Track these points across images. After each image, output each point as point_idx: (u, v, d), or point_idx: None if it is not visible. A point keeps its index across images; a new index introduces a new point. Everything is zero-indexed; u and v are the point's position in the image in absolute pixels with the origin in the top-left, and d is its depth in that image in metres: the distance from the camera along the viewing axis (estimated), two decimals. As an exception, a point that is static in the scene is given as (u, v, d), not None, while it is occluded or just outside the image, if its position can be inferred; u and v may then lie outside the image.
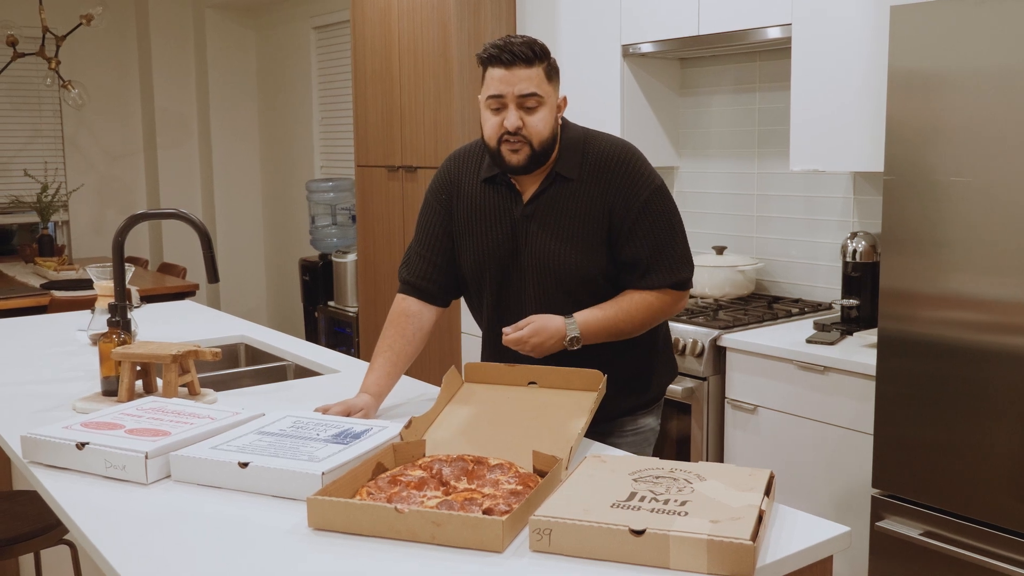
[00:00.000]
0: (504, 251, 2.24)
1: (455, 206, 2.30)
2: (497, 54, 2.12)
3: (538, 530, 1.45)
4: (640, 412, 2.34)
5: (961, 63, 2.36)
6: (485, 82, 2.16)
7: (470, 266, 2.29)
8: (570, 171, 2.20)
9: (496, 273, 2.26)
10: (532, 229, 2.22)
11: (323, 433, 1.89)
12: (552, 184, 2.21)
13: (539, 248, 2.21)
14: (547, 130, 2.16)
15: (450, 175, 2.33)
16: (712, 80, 4.04)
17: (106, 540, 1.54)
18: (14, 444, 2.01)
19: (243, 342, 3.21)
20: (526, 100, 2.12)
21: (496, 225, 2.25)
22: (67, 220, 7.26)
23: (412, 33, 4.51)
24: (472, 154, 2.34)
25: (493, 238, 2.25)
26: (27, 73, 6.89)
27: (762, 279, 3.91)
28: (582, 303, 2.19)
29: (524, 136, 2.13)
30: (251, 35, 7.53)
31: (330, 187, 6.11)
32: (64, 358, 2.83)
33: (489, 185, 2.27)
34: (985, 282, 2.36)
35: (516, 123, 2.12)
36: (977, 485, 2.41)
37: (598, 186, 2.19)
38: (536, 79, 2.13)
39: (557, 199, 2.21)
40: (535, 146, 2.15)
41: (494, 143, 2.16)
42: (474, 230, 2.27)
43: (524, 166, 2.16)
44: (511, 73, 2.11)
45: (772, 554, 1.45)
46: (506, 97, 2.12)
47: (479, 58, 2.17)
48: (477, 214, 2.27)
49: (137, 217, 2.51)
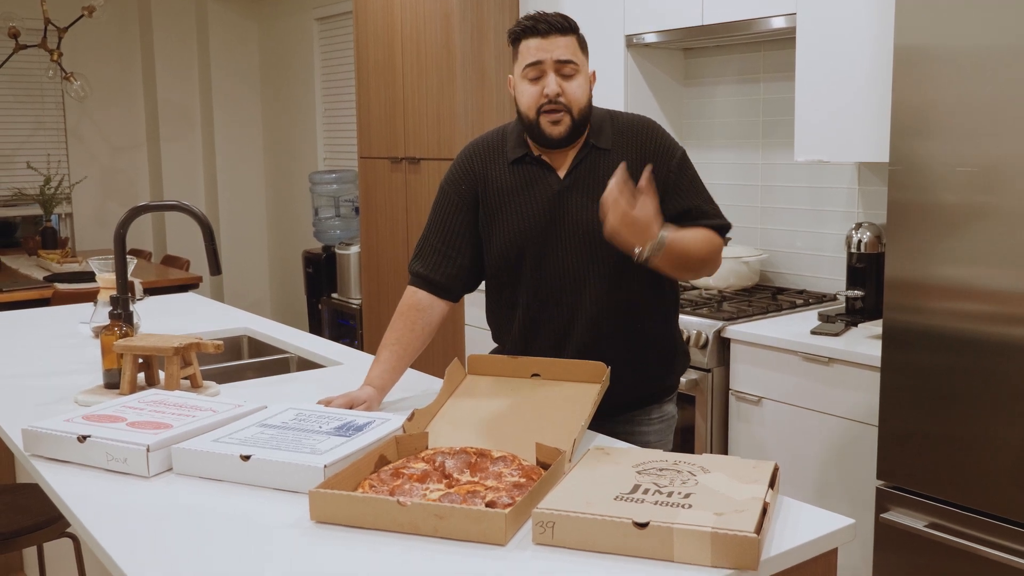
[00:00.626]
0: (543, 225, 2.20)
1: (482, 194, 2.26)
2: (533, 25, 2.14)
3: (541, 523, 1.45)
4: (665, 399, 2.35)
5: (967, 52, 2.35)
6: (520, 55, 2.17)
7: (505, 247, 2.24)
8: (604, 142, 2.21)
9: (537, 249, 2.21)
10: (574, 199, 2.19)
11: (325, 426, 1.88)
12: (588, 155, 2.21)
13: (586, 217, 2.17)
14: (584, 98, 2.17)
15: (472, 164, 2.30)
16: (716, 70, 4.02)
17: (108, 533, 1.54)
18: (16, 437, 2.01)
19: (246, 334, 3.21)
20: (564, 66, 2.13)
21: (533, 201, 2.21)
22: (70, 212, 7.26)
23: (415, 25, 4.49)
24: (492, 141, 2.31)
25: (531, 214, 2.21)
26: (29, 65, 6.88)
27: (766, 270, 3.89)
28: (628, 272, 2.17)
29: (564, 104, 2.13)
30: (254, 26, 7.51)
31: (333, 179, 6.10)
32: (66, 351, 2.82)
33: (519, 166, 2.24)
34: (991, 273, 2.35)
35: (556, 88, 2.12)
36: (982, 477, 2.40)
37: (633, 152, 2.21)
38: (572, 47, 2.15)
39: (596, 169, 2.20)
40: (575, 114, 2.15)
41: (533, 113, 2.15)
42: (508, 210, 2.23)
43: (565, 137, 2.16)
44: (548, 41, 2.13)
45: (776, 546, 1.45)
46: (545, 63, 2.13)
47: (512, 34, 2.19)
48: (510, 195, 2.23)
49: (139, 209, 2.50)
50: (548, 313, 2.23)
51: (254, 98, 7.60)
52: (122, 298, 2.44)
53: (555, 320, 2.22)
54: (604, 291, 2.18)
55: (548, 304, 2.22)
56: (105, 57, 7.29)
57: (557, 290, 2.21)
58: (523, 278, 2.24)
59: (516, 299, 2.27)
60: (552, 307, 2.22)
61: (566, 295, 2.20)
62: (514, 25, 2.19)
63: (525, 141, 2.24)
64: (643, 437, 2.29)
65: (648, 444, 2.28)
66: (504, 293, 2.30)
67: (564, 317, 2.21)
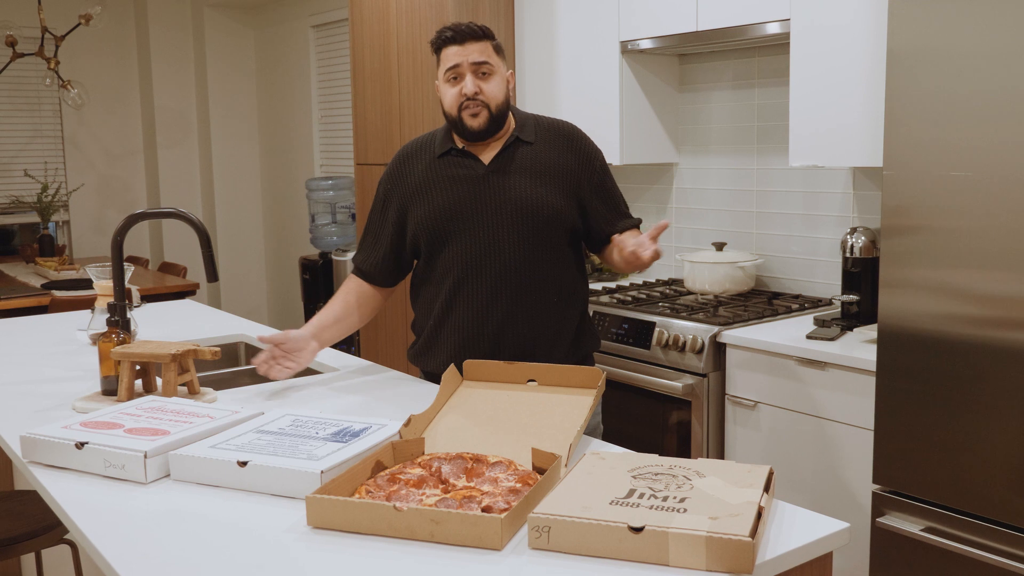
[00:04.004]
0: (468, 203, 2.40)
1: (402, 186, 2.49)
2: (451, 35, 2.38)
3: (537, 528, 1.45)
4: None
5: (959, 57, 2.36)
6: (441, 62, 2.41)
7: (428, 224, 2.43)
8: (528, 136, 2.46)
9: (463, 226, 2.40)
10: (499, 181, 2.41)
11: (322, 432, 1.89)
12: (513, 145, 2.44)
13: (512, 195, 2.40)
14: (501, 95, 2.40)
15: (398, 163, 2.53)
16: (711, 76, 4.04)
17: (106, 539, 1.54)
18: (14, 444, 2.01)
19: (243, 341, 3.21)
20: (480, 67, 2.37)
21: (457, 184, 2.42)
22: (67, 220, 7.26)
23: (410, 32, 4.51)
24: (422, 141, 2.54)
25: (454, 194, 2.42)
26: (26, 73, 6.89)
27: (762, 275, 3.90)
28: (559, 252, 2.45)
29: (482, 100, 2.37)
30: (250, 34, 7.52)
31: (330, 185, 6.10)
32: (64, 358, 2.83)
33: (444, 158, 2.46)
34: (986, 277, 2.36)
35: (473, 88, 2.36)
36: (978, 481, 2.41)
37: (558, 148, 2.47)
38: (486, 51, 2.39)
39: (521, 157, 2.44)
40: (492, 109, 2.38)
41: (455, 111, 2.39)
42: (433, 194, 2.43)
43: (484, 129, 2.38)
44: (464, 47, 2.37)
45: (771, 550, 1.45)
46: (462, 66, 2.37)
47: (433, 44, 2.42)
48: (434, 182, 2.44)
49: (136, 217, 2.51)
50: (472, 286, 2.42)
51: (251, 105, 7.61)
52: (119, 305, 2.44)
53: (479, 292, 2.41)
54: (525, 262, 2.40)
55: (471, 276, 2.41)
56: (102, 65, 7.30)
57: (480, 262, 2.40)
58: (449, 255, 2.43)
59: (442, 277, 2.46)
60: (475, 279, 2.41)
61: (489, 267, 2.40)
62: (434, 37, 2.42)
63: (452, 137, 2.47)
64: None
65: None
66: (432, 270, 2.48)
67: (487, 289, 2.41)
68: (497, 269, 2.40)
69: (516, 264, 2.40)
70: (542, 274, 2.43)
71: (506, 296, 2.40)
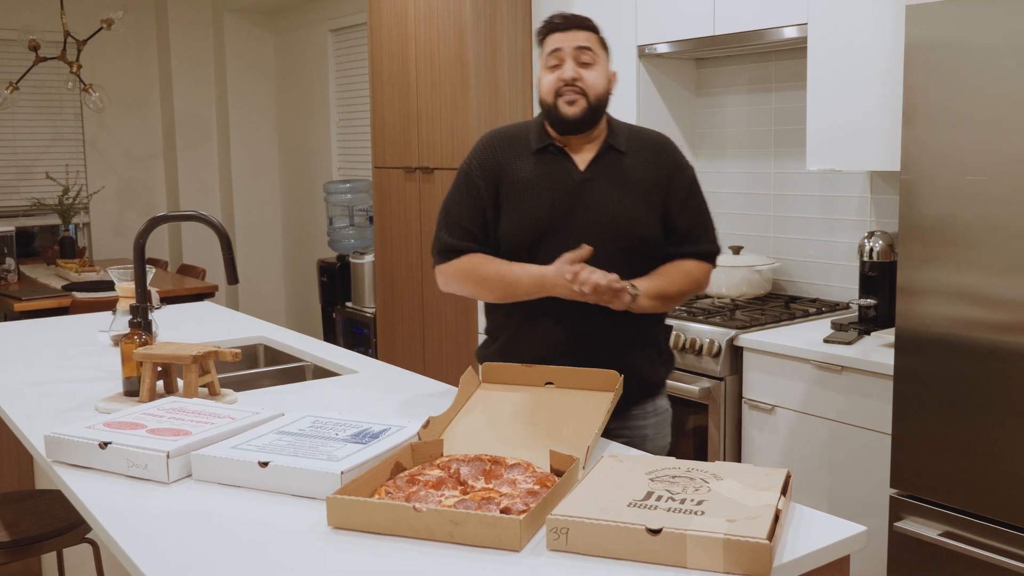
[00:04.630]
0: (562, 214, 2.27)
1: (502, 181, 2.31)
2: (557, 22, 2.29)
3: (555, 529, 1.47)
4: (657, 394, 2.42)
5: (976, 62, 2.36)
6: (543, 49, 2.31)
7: (520, 233, 2.29)
8: (621, 145, 2.33)
9: (553, 236, 2.26)
10: (593, 191, 2.28)
11: (342, 433, 1.90)
12: (607, 152, 2.31)
13: (604, 209, 2.27)
14: (601, 86, 2.28)
15: (495, 152, 2.35)
16: (728, 80, 4.04)
17: (128, 538, 1.56)
18: (38, 443, 2.04)
19: (262, 343, 3.24)
20: (582, 53, 2.26)
21: (552, 190, 2.28)
22: (88, 222, 7.32)
23: (428, 38, 4.53)
24: (515, 132, 2.39)
25: (550, 202, 2.27)
26: (49, 77, 6.95)
27: (779, 279, 3.90)
28: (636, 268, 2.26)
29: (580, 88, 2.24)
30: (269, 38, 7.56)
31: (348, 188, 6.13)
32: (86, 359, 2.85)
33: (540, 156, 2.32)
34: (1003, 281, 2.35)
35: (572, 73, 2.24)
36: (996, 485, 2.41)
37: (650, 160, 2.33)
38: (591, 40, 2.28)
39: (614, 166, 2.31)
40: (590, 99, 2.25)
41: (551, 97, 2.26)
42: (527, 196, 2.29)
43: (579, 118, 2.25)
44: (569, 33, 2.27)
45: (789, 553, 1.46)
46: (563, 51, 2.26)
47: (538, 32, 2.32)
48: (530, 182, 2.30)
49: (158, 219, 2.53)
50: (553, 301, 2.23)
51: (270, 109, 7.64)
52: (141, 307, 2.47)
53: (565, 306, 2.23)
54: None
55: None
56: (123, 69, 7.35)
57: None
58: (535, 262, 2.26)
59: None
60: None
61: None
62: (540, 25, 2.32)
63: (547, 132, 2.32)
64: (640, 431, 2.35)
65: (646, 439, 2.35)
66: None
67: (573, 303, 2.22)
68: None
69: None
70: None
71: (594, 313, 2.23)
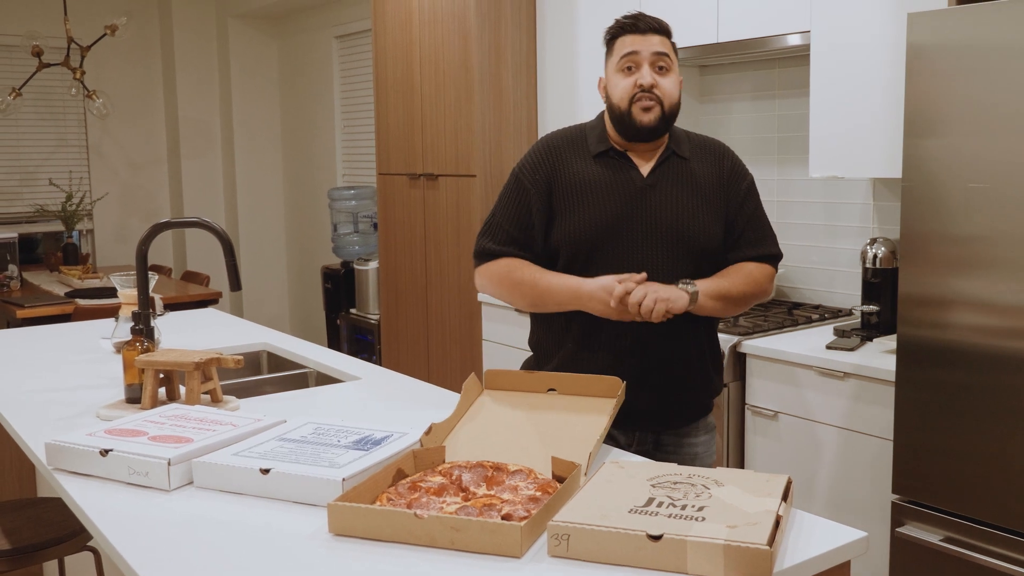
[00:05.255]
0: (623, 219, 2.20)
1: (557, 184, 2.24)
2: (632, 22, 2.20)
3: (556, 535, 1.46)
4: (709, 412, 2.38)
5: (978, 70, 2.36)
6: (615, 51, 2.22)
7: (579, 238, 2.21)
8: (684, 151, 2.27)
9: (614, 242, 2.19)
10: (657, 198, 2.21)
11: (344, 440, 1.90)
12: (670, 158, 2.26)
13: (668, 215, 2.20)
14: (676, 95, 2.22)
15: (549, 155, 2.28)
16: (731, 87, 4.04)
17: (129, 546, 1.56)
18: (39, 451, 2.04)
19: (265, 349, 3.24)
20: (659, 59, 2.19)
21: (613, 195, 2.21)
22: (91, 229, 7.33)
23: (433, 43, 4.53)
24: (573, 135, 2.32)
25: (612, 206, 2.20)
26: (52, 83, 6.97)
27: (782, 285, 3.90)
28: (701, 275, 2.20)
29: (657, 95, 2.17)
30: (274, 44, 7.58)
31: (352, 195, 6.14)
32: (88, 366, 2.86)
33: (601, 159, 2.25)
34: (1005, 288, 2.35)
35: (651, 79, 2.17)
36: (998, 491, 2.40)
37: (711, 166, 2.28)
38: (667, 45, 2.22)
39: (678, 173, 2.25)
40: (665, 107, 2.19)
41: (626, 104, 2.18)
42: (587, 200, 2.21)
43: (654, 127, 2.18)
44: (645, 37, 2.19)
45: (789, 559, 1.46)
46: (640, 54, 2.18)
47: (609, 31, 2.24)
48: (590, 186, 2.22)
49: (161, 226, 2.54)
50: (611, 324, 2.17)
51: (274, 115, 7.66)
52: (144, 314, 2.47)
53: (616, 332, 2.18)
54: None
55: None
56: (127, 75, 7.37)
57: None
58: (593, 271, 2.19)
59: None
60: None
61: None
62: (611, 25, 2.24)
63: (607, 137, 2.27)
64: (691, 450, 2.32)
65: (696, 456, 2.32)
66: None
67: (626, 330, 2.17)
68: None
69: None
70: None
71: (657, 329, 2.16)
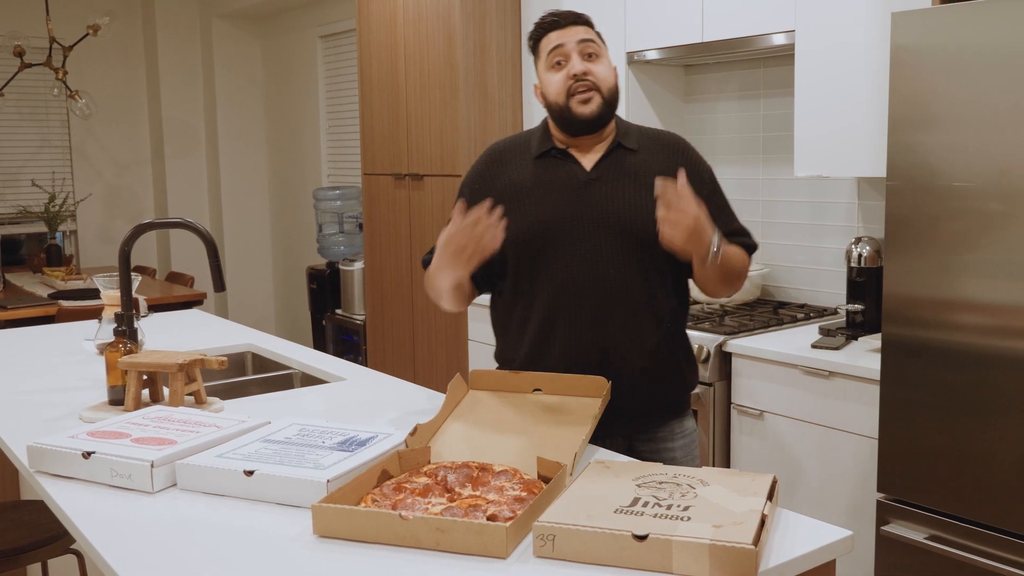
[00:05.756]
0: (569, 216, 2.13)
1: (492, 190, 2.18)
2: (552, 19, 2.16)
3: (542, 536, 1.46)
4: (684, 413, 2.29)
5: (961, 69, 2.37)
6: (542, 51, 2.18)
7: (524, 235, 2.15)
8: (631, 143, 2.20)
9: (562, 239, 2.13)
10: (602, 191, 2.14)
11: (328, 441, 1.90)
12: (615, 151, 2.18)
13: (615, 207, 2.13)
14: (612, 79, 2.16)
15: (490, 163, 2.26)
16: (717, 87, 4.05)
17: (112, 549, 1.55)
18: (20, 453, 2.02)
19: (250, 350, 3.23)
20: (587, 46, 2.14)
21: (554, 192, 2.16)
22: (75, 230, 7.29)
23: (418, 42, 4.52)
24: (516, 141, 2.29)
25: (555, 204, 2.15)
26: (34, 83, 6.93)
27: (768, 284, 3.91)
28: (661, 271, 2.15)
29: (592, 82, 2.11)
30: (258, 44, 7.56)
31: (337, 195, 6.13)
32: (71, 367, 2.84)
33: (542, 160, 2.20)
34: (989, 286, 2.36)
35: (582, 67, 2.11)
36: (983, 489, 2.41)
37: (663, 157, 2.19)
38: (591, 33, 2.17)
39: (624, 165, 2.17)
40: (604, 93, 2.13)
41: (563, 98, 2.12)
42: (530, 201, 2.16)
43: (596, 117, 2.12)
44: (568, 29, 2.15)
45: (775, 558, 1.46)
46: (567, 46, 2.13)
47: (532, 36, 2.20)
48: (531, 188, 2.17)
49: (143, 227, 2.52)
50: (571, 310, 2.14)
51: (258, 115, 7.64)
52: (126, 315, 2.46)
53: (580, 318, 2.14)
54: (626, 287, 2.13)
55: (568, 298, 2.13)
56: (110, 75, 7.34)
57: (580, 282, 2.13)
58: (542, 269, 2.16)
59: (533, 297, 2.18)
60: (575, 301, 2.13)
61: (592, 287, 2.12)
62: (531, 30, 2.20)
63: (550, 136, 2.21)
64: (669, 454, 2.24)
65: (675, 460, 2.24)
66: (521, 289, 2.20)
67: (589, 314, 2.13)
68: (601, 290, 2.11)
69: (622, 284, 2.12)
70: (649, 296, 2.15)
71: (613, 322, 2.13)
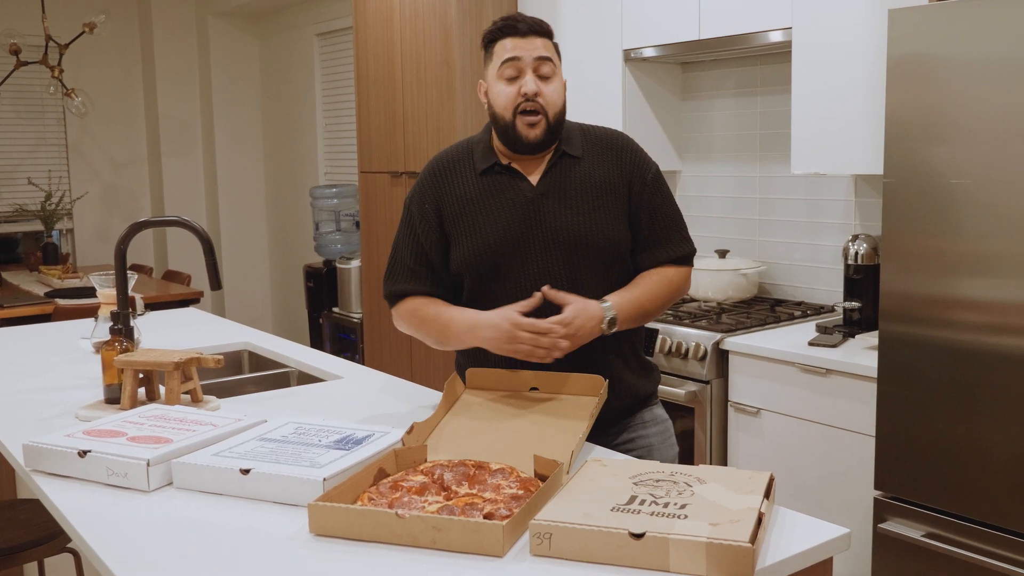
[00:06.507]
0: (518, 233, 2.11)
1: (446, 208, 2.17)
2: (512, 24, 2.09)
3: (538, 534, 1.46)
4: (648, 403, 2.28)
5: (958, 66, 2.37)
6: (495, 55, 2.11)
7: (478, 258, 2.13)
8: (575, 150, 2.16)
9: (512, 258, 2.12)
10: (549, 206, 2.12)
11: (325, 439, 1.89)
12: (560, 161, 2.15)
13: (564, 223, 2.11)
14: (560, 102, 2.12)
15: (435, 180, 2.21)
16: (714, 84, 4.04)
17: (108, 548, 1.55)
18: (17, 452, 2.02)
19: (246, 349, 3.22)
20: (542, 65, 2.08)
21: (504, 210, 2.13)
22: (71, 228, 7.28)
23: (414, 40, 4.52)
24: (457, 153, 2.23)
25: (504, 223, 2.12)
26: (31, 82, 6.91)
27: (764, 282, 3.91)
28: (610, 280, 2.13)
29: (541, 104, 2.07)
30: (254, 42, 7.55)
31: (334, 193, 6.12)
32: (67, 366, 2.83)
33: (487, 176, 2.16)
34: (985, 284, 2.36)
35: (534, 87, 2.06)
36: (979, 486, 2.41)
37: (608, 162, 2.16)
38: (549, 49, 2.11)
39: (569, 175, 2.14)
40: (551, 118, 2.09)
41: (510, 115, 2.08)
42: (477, 221, 2.14)
43: (540, 141, 2.09)
44: (526, 40, 2.07)
45: (772, 556, 1.46)
46: (523, 60, 2.07)
47: (487, 35, 2.12)
48: (479, 205, 2.14)
49: (139, 225, 2.52)
50: None
51: (255, 113, 7.63)
52: (123, 313, 2.45)
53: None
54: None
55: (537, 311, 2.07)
56: (106, 73, 7.33)
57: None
58: (497, 290, 2.14)
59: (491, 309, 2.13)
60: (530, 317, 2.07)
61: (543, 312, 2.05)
62: (489, 27, 2.13)
63: (493, 150, 2.17)
64: (644, 441, 2.23)
65: (652, 448, 2.23)
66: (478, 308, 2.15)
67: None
68: (555, 309, 2.04)
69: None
70: None
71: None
